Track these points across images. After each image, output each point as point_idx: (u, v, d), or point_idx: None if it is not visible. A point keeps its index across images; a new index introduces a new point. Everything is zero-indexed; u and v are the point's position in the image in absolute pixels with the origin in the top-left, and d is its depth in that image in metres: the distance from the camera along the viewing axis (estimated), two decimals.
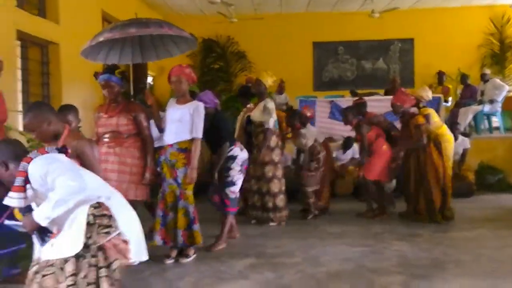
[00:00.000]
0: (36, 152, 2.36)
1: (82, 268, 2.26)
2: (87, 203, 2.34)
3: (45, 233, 2.40)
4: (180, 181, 4.00)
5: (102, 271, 2.28)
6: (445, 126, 5.82)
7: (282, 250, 4.40)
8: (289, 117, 6.03)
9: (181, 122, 4.01)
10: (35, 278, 2.28)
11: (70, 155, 2.56)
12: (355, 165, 6.74)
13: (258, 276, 3.68)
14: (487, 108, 8.78)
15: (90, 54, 4.20)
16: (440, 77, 10.15)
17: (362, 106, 5.99)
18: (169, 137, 4.06)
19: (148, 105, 4.20)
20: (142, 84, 7.80)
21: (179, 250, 4.13)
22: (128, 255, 2.38)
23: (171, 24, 4.12)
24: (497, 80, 9.17)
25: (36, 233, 2.41)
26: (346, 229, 5.18)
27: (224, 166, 4.47)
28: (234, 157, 4.51)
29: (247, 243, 4.66)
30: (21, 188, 2.30)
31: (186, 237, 4.00)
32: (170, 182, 4.05)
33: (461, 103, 9.11)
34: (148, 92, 4.35)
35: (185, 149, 4.02)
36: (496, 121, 9.14)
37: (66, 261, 2.26)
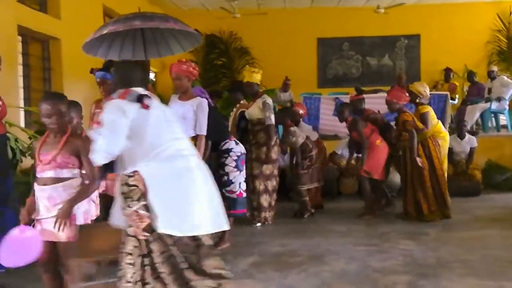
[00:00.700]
0: None
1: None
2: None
3: None
4: None
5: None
6: (440, 124, 5.75)
7: (287, 249, 4.35)
8: (279, 114, 5.82)
9: (185, 119, 3.93)
10: None
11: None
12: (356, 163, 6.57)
13: (262, 275, 3.64)
14: (494, 106, 8.67)
15: (91, 49, 4.14)
16: (447, 74, 10.04)
17: (359, 103, 5.89)
18: None
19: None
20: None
21: None
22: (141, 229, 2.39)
23: (176, 19, 4.05)
24: (505, 78, 9.05)
25: None
26: (351, 227, 5.12)
27: (218, 162, 4.35)
28: (228, 150, 4.41)
29: (251, 242, 4.61)
30: None
31: None
32: None
33: (468, 100, 8.99)
34: (151, 87, 4.29)
35: None
36: (503, 119, 9.03)
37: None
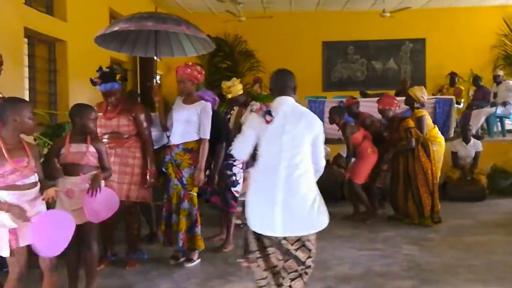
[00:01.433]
0: None
1: None
2: None
3: None
4: (185, 181, 3.93)
5: None
6: (437, 129, 5.72)
7: None
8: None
9: (189, 123, 3.93)
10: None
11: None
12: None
13: None
14: (500, 110, 8.61)
15: (104, 41, 4.19)
16: (452, 78, 9.99)
17: (354, 106, 5.86)
18: (175, 137, 3.98)
19: (154, 101, 4.15)
20: (149, 83, 7.77)
21: (184, 253, 4.07)
22: None
23: (189, 22, 4.06)
24: (511, 82, 8.95)
25: None
26: (355, 232, 5.10)
27: (225, 163, 4.34)
28: None
29: None
30: None
31: (185, 240, 3.92)
32: (175, 183, 3.98)
33: (473, 105, 8.95)
34: (157, 88, 4.30)
35: (191, 149, 3.95)
36: (509, 123, 8.97)
37: None
